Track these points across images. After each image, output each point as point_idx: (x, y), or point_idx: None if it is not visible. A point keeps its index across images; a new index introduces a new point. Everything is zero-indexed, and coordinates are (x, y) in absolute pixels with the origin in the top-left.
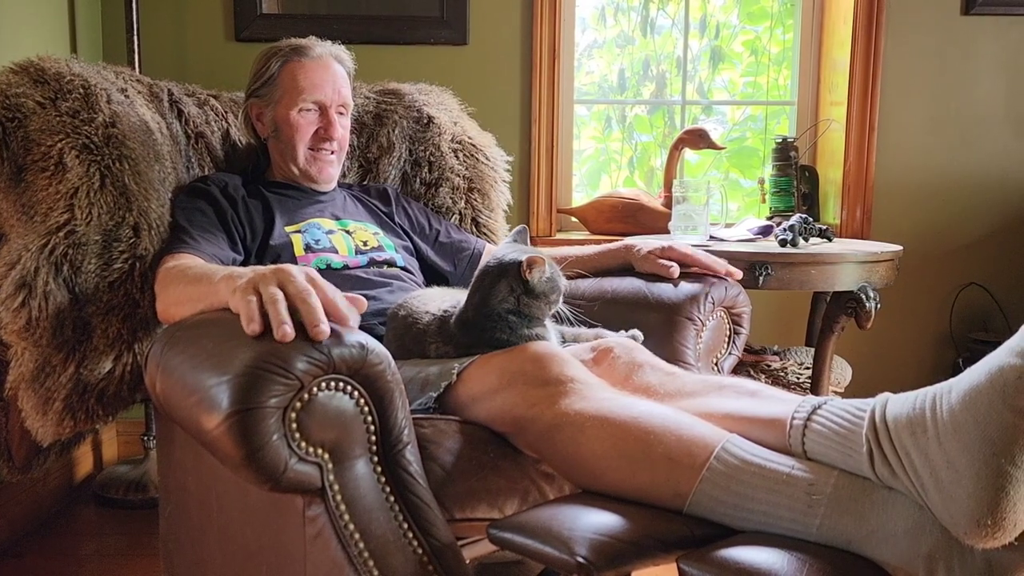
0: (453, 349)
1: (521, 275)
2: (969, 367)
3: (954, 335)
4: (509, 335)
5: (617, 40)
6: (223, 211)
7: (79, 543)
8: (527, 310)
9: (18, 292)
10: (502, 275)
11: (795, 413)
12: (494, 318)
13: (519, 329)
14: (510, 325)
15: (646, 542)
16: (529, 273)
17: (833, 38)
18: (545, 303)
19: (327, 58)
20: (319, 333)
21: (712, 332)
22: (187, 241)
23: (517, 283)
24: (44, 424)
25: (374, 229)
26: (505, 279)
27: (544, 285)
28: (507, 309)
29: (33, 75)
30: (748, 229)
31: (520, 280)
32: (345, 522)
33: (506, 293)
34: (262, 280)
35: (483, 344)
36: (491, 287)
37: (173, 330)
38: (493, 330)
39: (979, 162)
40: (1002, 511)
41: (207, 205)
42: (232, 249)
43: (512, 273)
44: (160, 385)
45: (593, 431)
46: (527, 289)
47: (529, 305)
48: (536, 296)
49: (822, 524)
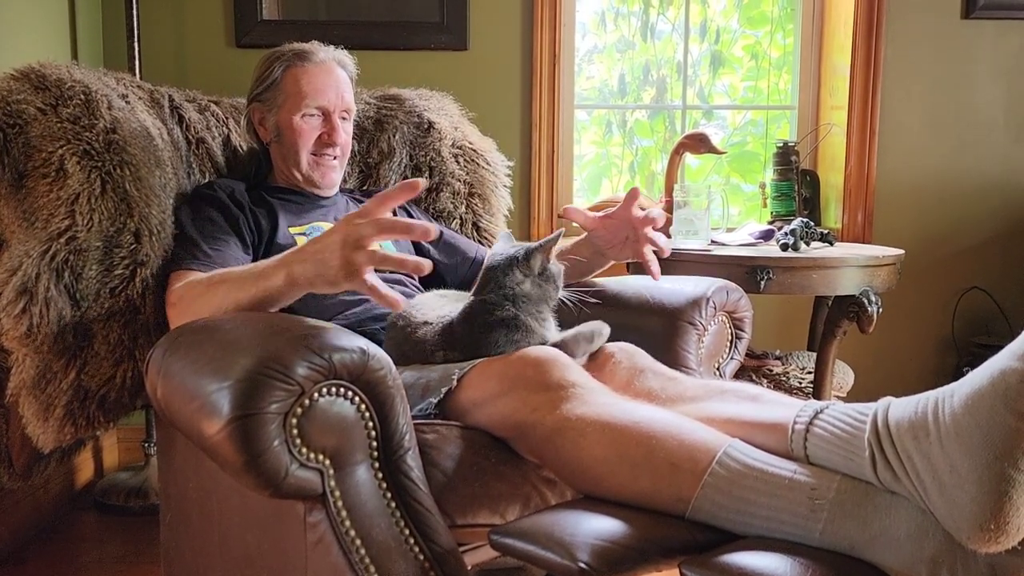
0: (460, 354)
1: (529, 260)
2: (972, 371)
3: (956, 339)
4: (517, 311)
5: (617, 45)
6: (234, 216)
7: (80, 550)
8: (537, 292)
9: (19, 298)
10: (513, 263)
11: (797, 418)
12: (500, 297)
13: (527, 306)
14: (517, 305)
15: (648, 547)
16: (547, 256)
17: (833, 42)
18: (553, 287)
19: (330, 63)
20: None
21: (714, 337)
22: (198, 257)
23: (527, 268)
24: (45, 431)
25: None
26: (516, 266)
27: (554, 268)
28: (517, 294)
29: (34, 81)
30: (749, 234)
31: (528, 265)
32: (346, 528)
33: (521, 277)
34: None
35: (490, 328)
36: (504, 274)
37: (174, 335)
38: (501, 308)
39: (980, 166)
40: (1005, 515)
41: (216, 212)
42: (244, 253)
43: (522, 259)
44: (161, 391)
45: (595, 436)
46: (541, 272)
47: (540, 286)
48: (547, 278)
49: (825, 529)
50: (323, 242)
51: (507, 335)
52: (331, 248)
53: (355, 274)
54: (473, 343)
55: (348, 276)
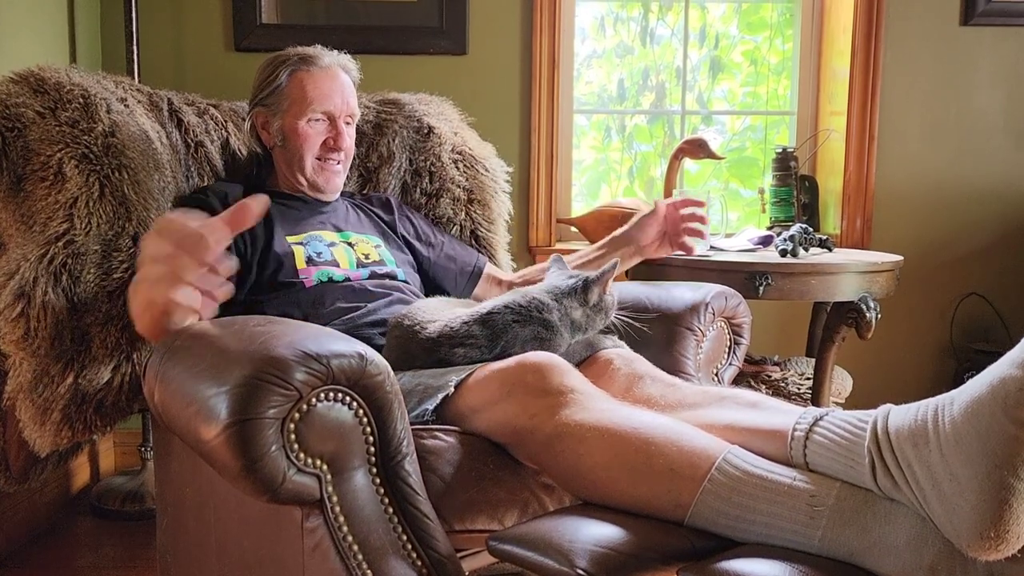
0: (487, 348)
1: (588, 292)
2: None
3: (954, 345)
4: (560, 316)
5: (616, 50)
6: None
7: (76, 554)
8: (584, 321)
9: (16, 302)
10: (572, 293)
11: (796, 424)
12: (552, 302)
13: (569, 331)
14: (562, 311)
15: (647, 554)
16: (604, 292)
17: (832, 48)
18: (603, 318)
19: (335, 68)
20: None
21: (712, 342)
22: None
23: (583, 298)
24: (42, 434)
25: (376, 241)
26: (574, 296)
27: (608, 299)
28: (566, 320)
29: (33, 85)
30: (748, 239)
31: (585, 296)
32: (344, 534)
33: (576, 306)
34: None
35: (527, 322)
36: (559, 300)
37: (172, 340)
38: (547, 311)
39: (979, 172)
40: (1005, 523)
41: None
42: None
43: (580, 290)
44: (158, 395)
45: (594, 442)
46: (601, 302)
47: (589, 316)
48: (598, 309)
49: (824, 536)
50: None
51: (536, 337)
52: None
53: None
54: (505, 333)
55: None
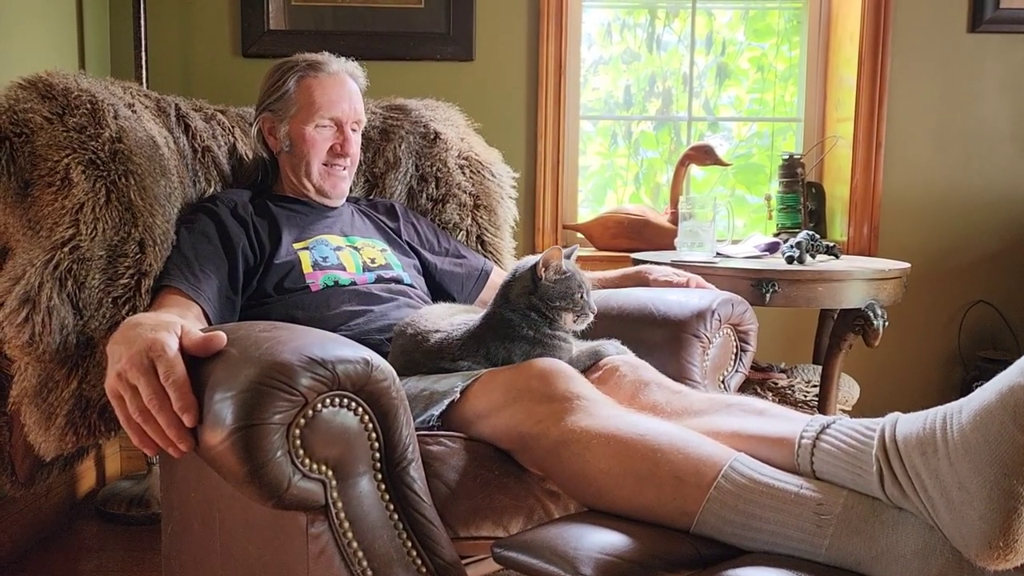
0: (485, 360)
1: (536, 274)
2: (980, 387)
3: (962, 353)
4: (535, 332)
5: (623, 56)
6: (231, 237)
7: (81, 559)
8: (544, 311)
9: (22, 307)
10: (523, 274)
11: (803, 432)
12: (518, 315)
13: (542, 327)
14: (532, 323)
15: (652, 562)
16: (544, 271)
17: (839, 55)
18: (561, 307)
19: (343, 74)
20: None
21: (718, 349)
22: (187, 278)
23: (531, 282)
24: (46, 439)
25: (382, 246)
26: (523, 278)
27: (553, 287)
28: (526, 306)
29: (41, 90)
30: (755, 246)
31: (534, 279)
32: (348, 540)
33: (522, 291)
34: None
35: (510, 340)
36: (511, 285)
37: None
38: (520, 327)
39: (986, 179)
40: (1014, 533)
41: (215, 232)
42: (230, 279)
43: (529, 272)
44: None
45: (599, 448)
46: (536, 288)
47: (542, 307)
48: (549, 297)
49: (831, 544)
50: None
51: (528, 351)
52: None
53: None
54: (496, 355)
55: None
